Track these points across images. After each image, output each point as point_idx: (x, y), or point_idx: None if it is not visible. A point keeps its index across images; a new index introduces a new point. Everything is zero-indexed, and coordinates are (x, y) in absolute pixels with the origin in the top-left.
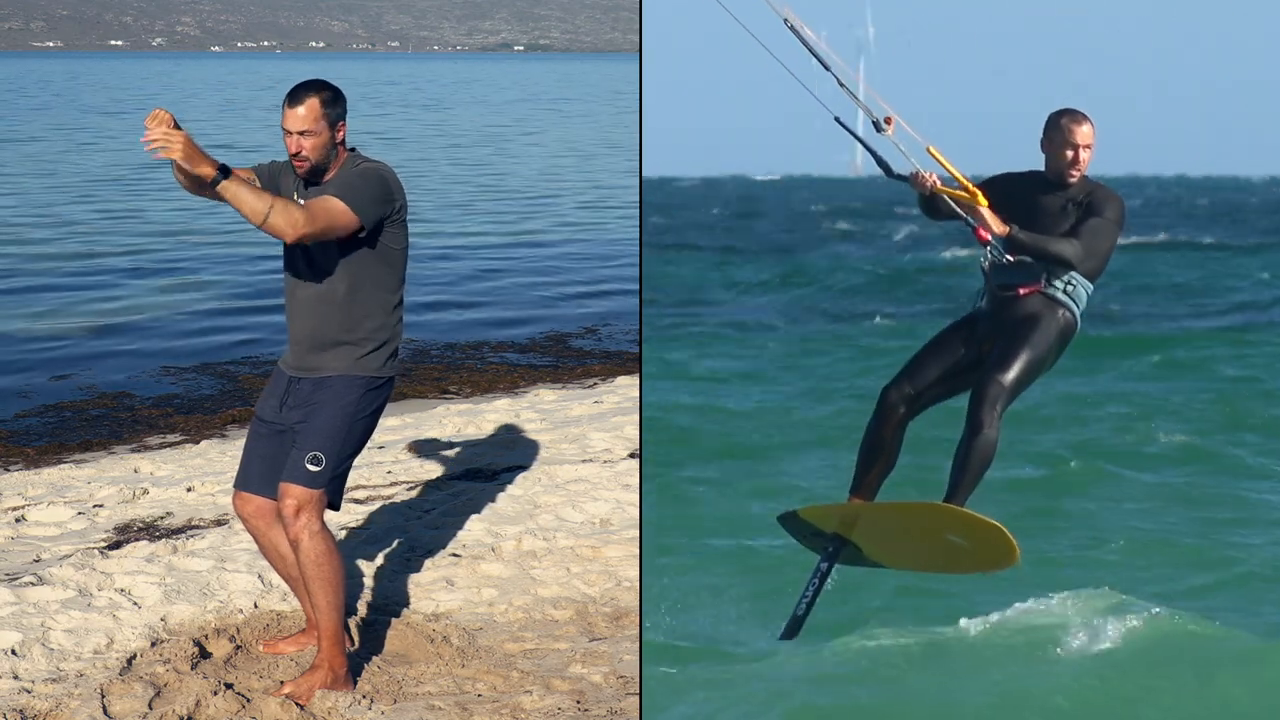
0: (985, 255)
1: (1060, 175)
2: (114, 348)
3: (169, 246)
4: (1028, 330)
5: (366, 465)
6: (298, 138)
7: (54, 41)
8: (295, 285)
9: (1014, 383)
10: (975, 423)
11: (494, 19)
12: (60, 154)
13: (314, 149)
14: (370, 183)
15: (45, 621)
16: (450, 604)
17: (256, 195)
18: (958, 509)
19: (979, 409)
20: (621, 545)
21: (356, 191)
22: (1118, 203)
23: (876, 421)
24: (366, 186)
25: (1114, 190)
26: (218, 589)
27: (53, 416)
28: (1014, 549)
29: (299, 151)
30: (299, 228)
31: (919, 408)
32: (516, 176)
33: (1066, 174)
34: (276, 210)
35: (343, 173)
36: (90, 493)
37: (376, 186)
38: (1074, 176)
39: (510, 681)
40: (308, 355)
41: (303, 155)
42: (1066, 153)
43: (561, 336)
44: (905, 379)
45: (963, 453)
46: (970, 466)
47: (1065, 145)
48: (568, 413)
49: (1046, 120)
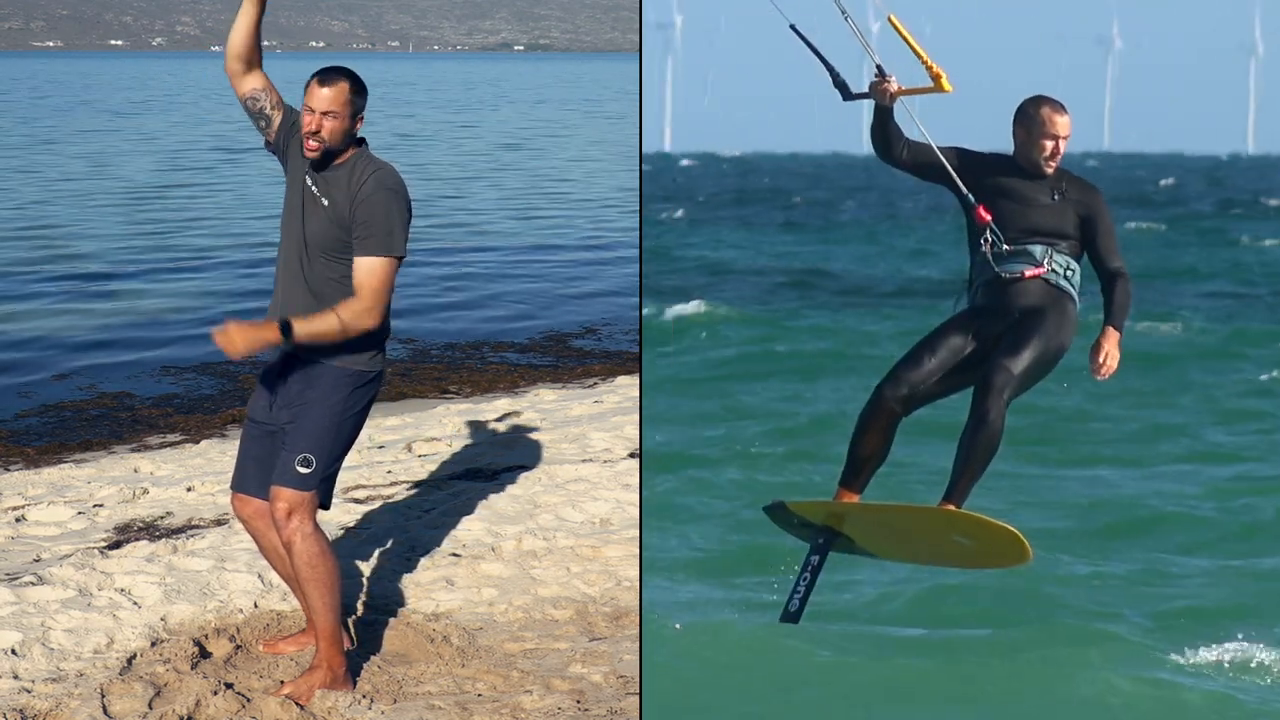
0: (985, 237)
1: (1037, 166)
2: (114, 347)
3: (169, 246)
4: (1038, 320)
5: (366, 465)
6: (320, 117)
7: (54, 41)
8: (288, 274)
9: (1023, 373)
10: (981, 411)
11: (494, 19)
12: (59, 154)
13: (332, 133)
14: (399, 208)
15: (45, 621)
16: (450, 604)
17: (322, 321)
18: (968, 514)
19: (985, 397)
20: (621, 545)
21: (394, 235)
22: (1100, 195)
23: (869, 418)
24: (399, 217)
25: (1084, 178)
26: (218, 589)
27: (53, 416)
28: (1027, 550)
29: (317, 130)
30: (371, 314)
31: (914, 405)
32: (517, 177)
33: (1044, 165)
34: (345, 322)
35: (367, 189)
36: (90, 492)
37: (405, 211)
38: (1051, 168)
39: (510, 681)
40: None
41: (320, 135)
42: (1046, 144)
43: (561, 336)
44: (902, 376)
45: (967, 443)
46: (975, 457)
47: (1045, 136)
48: (568, 413)
49: (1021, 107)
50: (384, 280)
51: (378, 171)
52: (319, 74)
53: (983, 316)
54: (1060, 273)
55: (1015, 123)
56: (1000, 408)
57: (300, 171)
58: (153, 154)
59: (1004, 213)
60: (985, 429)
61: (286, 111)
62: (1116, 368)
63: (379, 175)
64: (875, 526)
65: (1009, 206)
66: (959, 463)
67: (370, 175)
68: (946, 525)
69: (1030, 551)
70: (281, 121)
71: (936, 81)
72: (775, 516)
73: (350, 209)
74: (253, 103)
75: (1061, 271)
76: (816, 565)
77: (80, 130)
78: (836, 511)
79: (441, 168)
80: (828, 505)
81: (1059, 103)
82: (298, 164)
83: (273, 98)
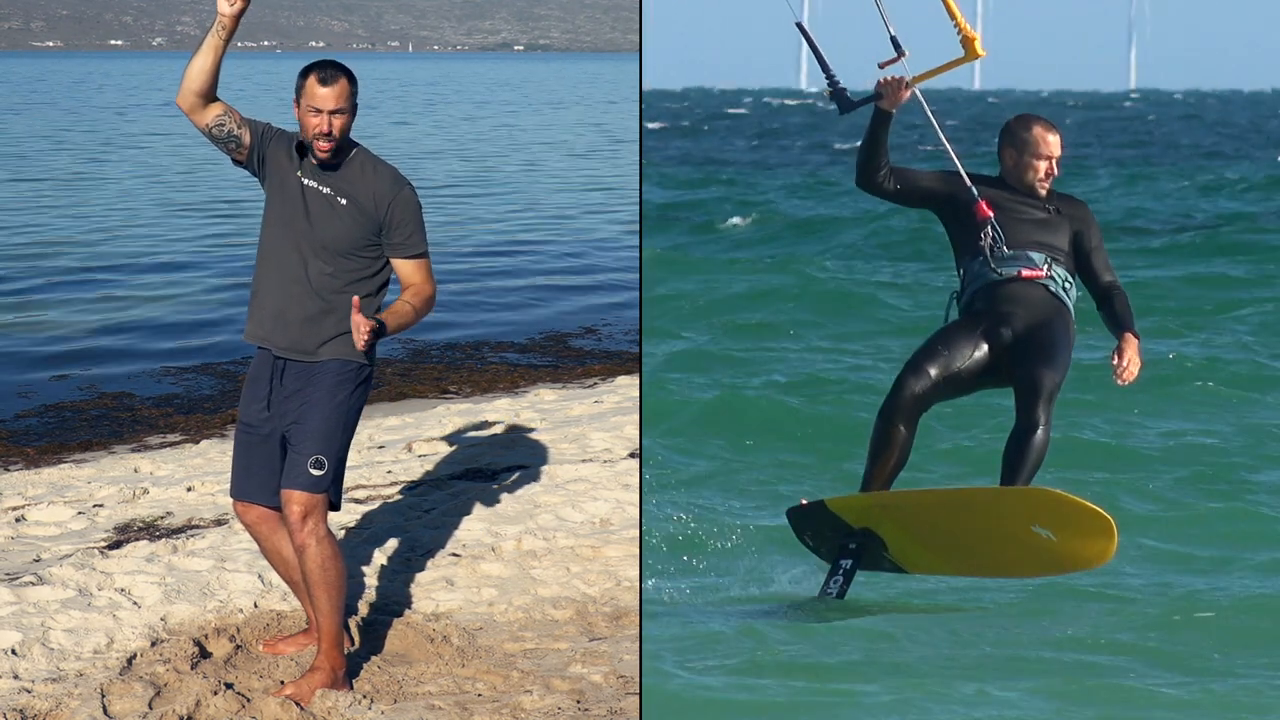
0: (985, 232)
1: (1030, 187)
2: (114, 348)
3: (169, 246)
4: (1055, 331)
5: (366, 465)
6: (329, 117)
7: (54, 41)
8: (284, 277)
9: (1060, 382)
10: (1031, 419)
11: (494, 19)
12: (61, 153)
13: (342, 130)
14: (420, 209)
15: (45, 621)
16: (450, 604)
17: (411, 313)
18: (1060, 493)
19: (1035, 403)
20: (621, 545)
21: (424, 229)
22: (1089, 209)
23: (890, 413)
24: (421, 216)
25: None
26: (218, 589)
27: (53, 416)
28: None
29: (329, 131)
30: (433, 300)
31: (928, 404)
32: (517, 175)
33: (1038, 186)
34: (420, 312)
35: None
36: (90, 492)
37: (420, 209)
38: (1045, 188)
39: (510, 681)
40: (300, 336)
41: (332, 135)
42: (1039, 164)
43: (561, 336)
44: (923, 369)
45: (1016, 450)
46: (1025, 465)
47: (1037, 157)
48: (568, 412)
49: (1007, 127)
50: (431, 272)
51: (385, 167)
52: (317, 75)
53: (988, 322)
54: (1059, 282)
55: (1002, 144)
56: (1049, 415)
57: (291, 175)
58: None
59: (1000, 226)
60: (1035, 436)
61: (252, 125)
62: (1138, 374)
63: (391, 172)
64: (927, 523)
65: (1004, 220)
66: (1008, 470)
67: (384, 172)
68: (1027, 509)
69: (1114, 546)
70: (252, 134)
71: (969, 46)
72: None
73: (377, 207)
74: (218, 129)
75: (1060, 282)
76: (849, 572)
77: (81, 131)
78: (886, 503)
79: (441, 167)
80: (877, 497)
81: (1049, 121)
82: (286, 169)
83: (235, 118)
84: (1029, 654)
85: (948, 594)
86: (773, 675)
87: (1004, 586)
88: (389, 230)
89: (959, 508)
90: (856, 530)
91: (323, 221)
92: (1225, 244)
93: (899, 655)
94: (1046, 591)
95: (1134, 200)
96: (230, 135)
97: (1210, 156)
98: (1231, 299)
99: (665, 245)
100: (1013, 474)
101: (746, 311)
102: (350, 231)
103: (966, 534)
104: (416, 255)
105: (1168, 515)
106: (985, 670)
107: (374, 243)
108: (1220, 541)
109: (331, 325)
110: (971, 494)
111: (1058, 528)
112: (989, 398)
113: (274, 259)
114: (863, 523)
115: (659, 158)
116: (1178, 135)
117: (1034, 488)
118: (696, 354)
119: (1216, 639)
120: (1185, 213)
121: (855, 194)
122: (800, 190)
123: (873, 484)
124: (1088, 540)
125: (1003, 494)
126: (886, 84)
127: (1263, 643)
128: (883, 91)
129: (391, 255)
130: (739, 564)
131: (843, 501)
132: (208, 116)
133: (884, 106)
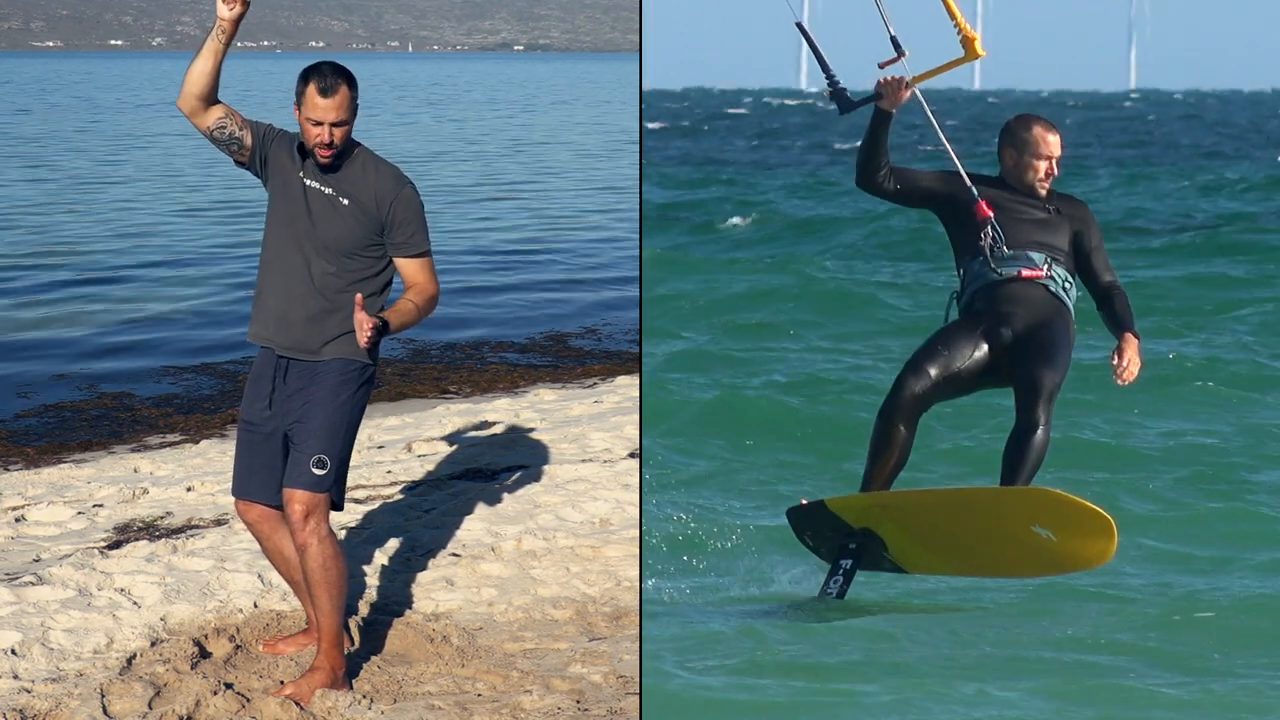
0: (985, 232)
1: (1030, 187)
2: (114, 348)
3: (169, 246)
4: (1056, 332)
5: (366, 465)
6: (329, 128)
7: (54, 41)
8: (287, 277)
9: (1060, 382)
10: (1031, 420)
11: (494, 19)
12: (59, 152)
13: (343, 139)
14: (422, 209)
15: (45, 621)
16: (450, 604)
17: (414, 311)
18: (1060, 493)
19: (1035, 404)
20: (621, 545)
21: (426, 228)
22: (1089, 209)
23: (890, 413)
24: (423, 215)
25: (1073, 196)
26: (218, 589)
27: (53, 416)
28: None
29: (330, 142)
30: (436, 299)
31: (928, 404)
32: (517, 175)
33: (1038, 186)
34: (423, 310)
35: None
36: (90, 492)
37: (422, 208)
38: (1045, 188)
39: (510, 681)
40: (304, 336)
41: (334, 145)
42: (1039, 165)
43: (561, 336)
44: (924, 369)
45: (1017, 450)
46: (1026, 465)
47: (1038, 157)
48: (568, 412)
49: (1007, 127)
50: (434, 271)
51: (386, 166)
52: (317, 84)
53: (988, 322)
54: (1059, 282)
55: (1003, 144)
56: (1049, 415)
57: (294, 176)
58: (151, 153)
59: (1000, 226)
60: (1035, 436)
61: (253, 127)
62: (1138, 374)
63: (393, 171)
64: (927, 523)
65: (1004, 220)
66: (1008, 470)
67: (386, 172)
68: (1027, 509)
69: (1114, 546)
70: (254, 136)
71: (969, 46)
72: (800, 522)
73: (379, 207)
74: (220, 131)
75: (1060, 282)
76: (850, 572)
77: (79, 129)
78: (886, 503)
79: (441, 166)
80: (877, 497)
81: (1049, 121)
82: (288, 170)
83: (236, 120)
84: (1029, 654)
85: (948, 594)
86: (773, 675)
87: (1004, 586)
88: (391, 229)
89: (959, 508)
90: (856, 530)
91: (325, 221)
92: (1225, 244)
93: (899, 655)
94: (1046, 591)
95: (1134, 200)
96: (232, 137)
97: (1210, 156)
98: (1231, 299)
99: (665, 245)
100: (1013, 474)
101: (746, 311)
102: (353, 231)
103: (966, 534)
104: (419, 254)
105: (1168, 515)
106: (985, 670)
107: (376, 242)
108: (1220, 541)
109: (335, 325)
110: (971, 494)
111: (1058, 528)
112: (989, 398)
113: (277, 259)
114: (863, 523)
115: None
116: (1178, 135)
117: (1034, 488)
118: (696, 354)
119: (1216, 639)
120: (1185, 213)
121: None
122: (800, 190)
123: (873, 484)
124: (1088, 540)
125: (1003, 494)
126: (886, 84)
127: (1263, 643)
128: (883, 91)
129: (394, 255)
130: (739, 564)
131: (843, 501)
132: (209, 119)
133: (884, 106)
